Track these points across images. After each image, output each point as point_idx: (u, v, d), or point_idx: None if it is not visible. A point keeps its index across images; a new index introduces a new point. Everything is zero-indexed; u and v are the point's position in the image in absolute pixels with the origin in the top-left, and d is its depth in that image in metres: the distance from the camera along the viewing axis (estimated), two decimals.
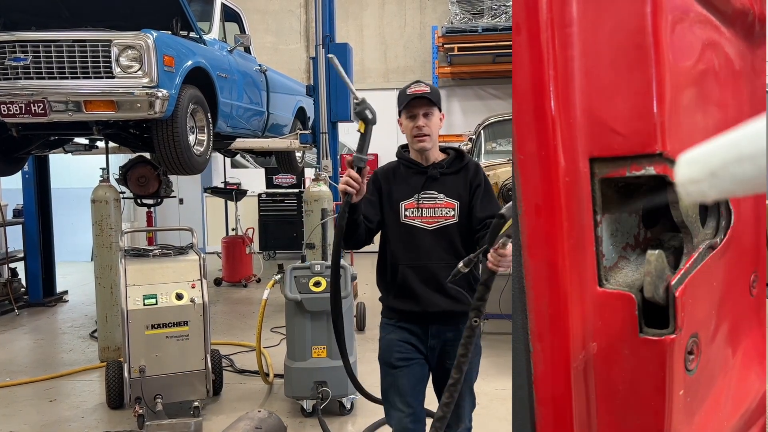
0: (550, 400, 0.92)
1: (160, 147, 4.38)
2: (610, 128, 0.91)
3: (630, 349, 0.91)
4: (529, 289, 0.92)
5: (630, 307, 0.90)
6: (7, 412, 4.23)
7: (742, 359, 1.17)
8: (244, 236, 8.48)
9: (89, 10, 4.86)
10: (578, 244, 0.91)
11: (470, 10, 9.91)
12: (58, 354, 5.58)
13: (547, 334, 0.91)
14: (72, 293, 7.74)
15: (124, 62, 4.10)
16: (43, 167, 7.28)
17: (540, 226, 0.90)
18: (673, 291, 0.89)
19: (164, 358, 3.81)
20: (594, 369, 0.92)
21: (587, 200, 0.92)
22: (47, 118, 4.11)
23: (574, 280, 0.90)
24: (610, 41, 0.91)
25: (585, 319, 0.91)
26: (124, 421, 3.97)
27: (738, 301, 1.15)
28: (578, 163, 0.91)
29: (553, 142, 0.89)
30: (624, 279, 0.98)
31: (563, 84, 0.89)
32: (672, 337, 0.88)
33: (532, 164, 0.90)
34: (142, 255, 4.15)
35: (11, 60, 4.12)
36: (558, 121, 0.89)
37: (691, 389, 0.95)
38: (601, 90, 0.91)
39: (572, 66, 0.90)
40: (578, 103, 0.90)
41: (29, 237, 7.32)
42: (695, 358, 0.94)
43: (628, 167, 0.92)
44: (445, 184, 2.36)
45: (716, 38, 1.04)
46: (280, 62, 9.50)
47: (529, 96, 0.89)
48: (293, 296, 3.89)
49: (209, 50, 5.11)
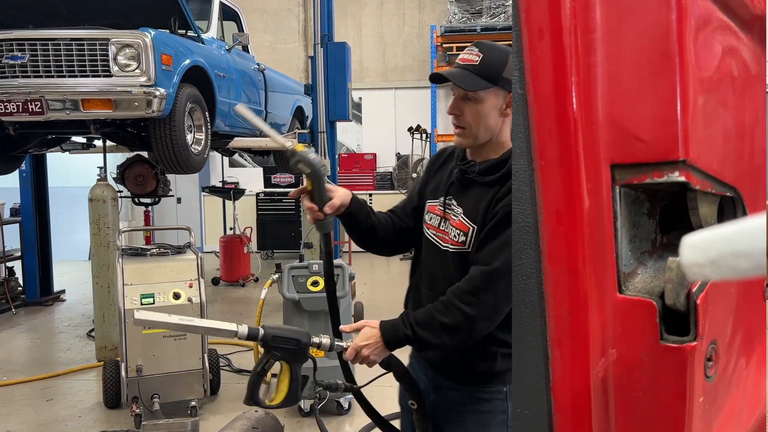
0: (569, 407, 0.92)
1: (157, 146, 4.37)
2: (633, 135, 0.91)
3: (650, 356, 0.91)
4: (548, 295, 0.92)
5: (651, 314, 0.90)
6: (4, 412, 4.22)
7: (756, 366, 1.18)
8: (242, 235, 8.47)
9: (87, 9, 4.85)
10: (598, 250, 0.91)
11: (469, 10, 9.91)
12: (55, 353, 5.57)
13: (567, 340, 0.91)
14: (69, 292, 7.72)
15: (122, 61, 4.09)
16: (40, 166, 7.27)
17: (561, 232, 0.90)
18: (694, 298, 0.89)
19: (161, 358, 3.80)
20: (613, 376, 0.93)
21: (608, 206, 0.93)
22: (44, 117, 4.10)
23: (594, 286, 0.90)
24: (633, 47, 0.92)
25: (605, 325, 0.92)
26: (121, 420, 3.96)
27: (752, 307, 1.16)
28: (600, 170, 0.91)
29: (576, 148, 0.89)
30: (642, 285, 0.99)
31: (586, 90, 0.89)
32: (693, 345, 0.89)
33: (553, 170, 0.90)
34: (139, 254, 4.14)
35: (8, 58, 4.10)
36: (580, 127, 0.89)
37: (710, 396, 0.96)
38: (624, 96, 0.92)
39: (595, 72, 0.90)
40: (601, 110, 0.91)
41: (26, 236, 7.31)
42: (714, 365, 0.95)
43: (650, 174, 0.92)
44: (468, 196, 1.68)
45: (735, 44, 1.06)
46: (279, 61, 9.49)
47: (551, 102, 0.90)
48: (291, 296, 3.89)
49: (207, 49, 5.10)
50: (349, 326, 1.66)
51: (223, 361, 4.84)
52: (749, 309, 1.12)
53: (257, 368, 1.52)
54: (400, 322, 1.60)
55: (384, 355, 1.61)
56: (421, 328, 1.57)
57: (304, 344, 1.54)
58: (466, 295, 1.54)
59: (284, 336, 1.52)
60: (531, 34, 0.90)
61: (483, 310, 1.53)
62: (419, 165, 10.56)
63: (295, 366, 1.55)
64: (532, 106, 0.92)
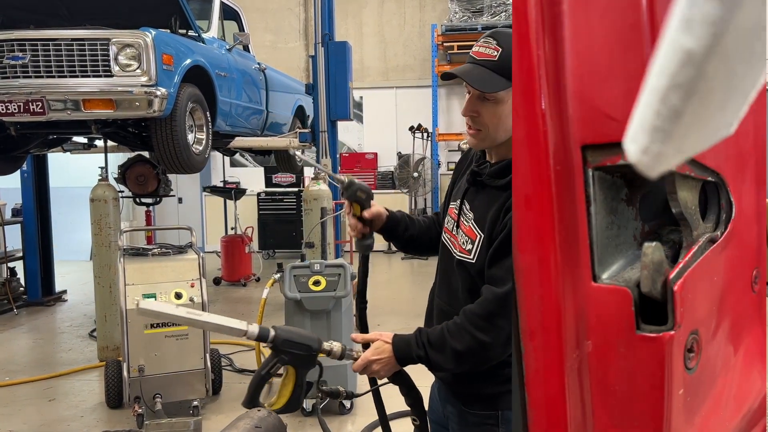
0: (543, 401, 0.89)
1: (158, 146, 4.37)
2: (604, 113, 0.87)
3: (626, 346, 0.87)
4: (519, 285, 0.89)
5: (626, 302, 0.86)
6: (7, 412, 4.22)
7: (744, 358, 1.15)
8: (243, 235, 8.47)
9: (88, 9, 4.84)
10: (571, 237, 0.87)
11: (470, 9, 9.91)
12: (57, 353, 5.57)
13: (540, 332, 0.87)
14: (71, 292, 7.73)
15: (123, 61, 4.09)
16: (41, 166, 7.27)
17: (530, 218, 0.86)
18: (671, 285, 0.85)
19: (163, 358, 3.80)
20: (589, 368, 0.89)
21: (580, 190, 0.89)
22: (46, 117, 4.10)
23: (567, 275, 0.86)
24: (602, 21, 0.88)
25: (579, 316, 0.88)
26: (124, 420, 3.96)
27: (739, 298, 1.12)
28: (570, 151, 0.87)
29: (543, 127, 0.85)
30: (620, 274, 0.95)
31: (552, 66, 0.85)
32: (671, 334, 0.85)
33: (521, 152, 0.87)
34: (141, 254, 4.14)
35: (9, 58, 4.10)
36: (547, 105, 0.85)
37: (691, 388, 0.92)
38: (594, 73, 0.88)
39: (562, 47, 0.86)
40: (569, 87, 0.87)
41: (28, 236, 7.31)
42: (695, 356, 0.91)
43: (623, 154, 0.91)
44: (479, 200, 1.55)
45: None
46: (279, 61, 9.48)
47: (518, 79, 0.86)
48: (293, 295, 3.89)
49: (208, 49, 5.10)
50: (361, 337, 1.59)
51: (225, 361, 4.84)
52: (736, 299, 1.09)
53: (262, 371, 1.44)
54: (413, 340, 1.51)
55: (394, 370, 1.54)
56: (434, 350, 1.48)
57: (314, 350, 1.47)
58: (479, 320, 1.43)
59: (295, 341, 1.45)
60: None
61: (497, 337, 1.41)
62: (420, 164, 10.55)
63: (302, 372, 1.47)
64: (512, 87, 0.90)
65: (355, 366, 1.54)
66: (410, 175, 10.59)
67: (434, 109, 11.03)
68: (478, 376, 1.54)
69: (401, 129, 11.09)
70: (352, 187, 1.67)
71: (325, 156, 6.36)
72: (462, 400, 1.60)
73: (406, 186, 10.64)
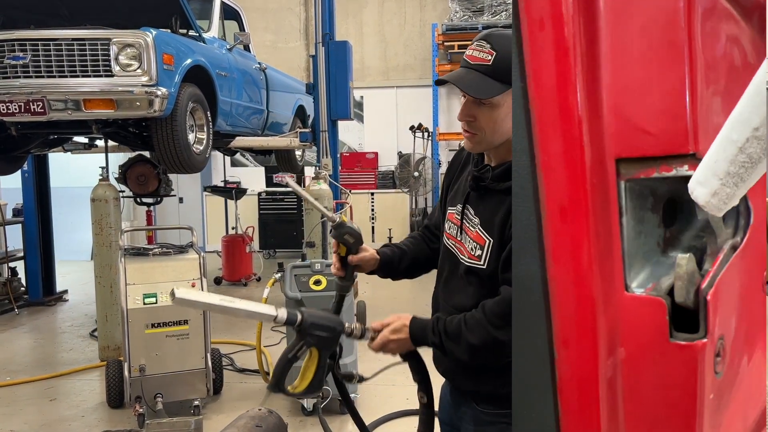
0: (576, 408, 0.89)
1: (159, 145, 4.37)
2: (639, 128, 0.88)
3: (660, 354, 0.89)
4: (554, 295, 0.90)
5: (660, 312, 0.88)
6: (8, 412, 4.22)
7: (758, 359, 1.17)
8: (244, 235, 8.47)
9: (88, 9, 4.85)
10: (605, 248, 0.89)
11: (470, 8, 9.90)
12: (58, 353, 5.58)
13: (574, 340, 0.89)
14: (72, 292, 7.73)
15: (124, 61, 4.09)
16: (42, 166, 7.27)
17: (565, 230, 0.87)
18: (704, 295, 0.87)
19: (164, 357, 3.80)
20: (622, 375, 0.91)
21: (613, 202, 0.90)
22: (46, 117, 4.10)
23: (601, 285, 0.88)
24: (639, 36, 0.88)
25: (612, 324, 0.89)
26: (125, 420, 3.97)
27: (752, 300, 1.14)
28: (605, 164, 0.88)
29: (579, 142, 0.86)
30: (648, 282, 0.96)
31: (590, 81, 0.86)
32: (704, 342, 0.87)
33: (557, 165, 0.87)
34: (142, 254, 4.14)
35: (10, 59, 4.10)
36: (585, 120, 0.86)
37: (719, 392, 0.94)
38: (630, 88, 0.89)
39: (599, 62, 0.87)
40: (605, 102, 0.88)
41: (29, 236, 7.31)
42: (722, 361, 0.93)
43: (657, 168, 0.89)
44: (484, 205, 1.52)
45: (737, 33, 1.03)
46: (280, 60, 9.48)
47: (553, 94, 0.87)
48: (294, 295, 3.89)
49: (209, 48, 5.10)
50: (379, 323, 1.60)
51: (225, 361, 4.84)
52: (750, 302, 1.10)
53: (288, 354, 1.45)
54: (430, 327, 1.54)
55: (407, 350, 1.59)
56: (450, 340, 1.50)
57: (338, 332, 1.51)
58: (496, 319, 1.43)
59: (321, 324, 1.47)
60: (531, 23, 0.87)
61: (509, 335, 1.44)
62: (421, 164, 10.55)
63: (324, 353, 1.49)
64: (533, 100, 0.89)
65: (374, 345, 1.57)
66: (411, 174, 10.58)
67: (435, 108, 11.03)
68: (490, 375, 1.53)
69: (402, 128, 11.08)
70: (341, 229, 1.68)
71: (326, 156, 6.35)
72: (476, 400, 1.60)
73: (407, 185, 10.64)
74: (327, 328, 1.47)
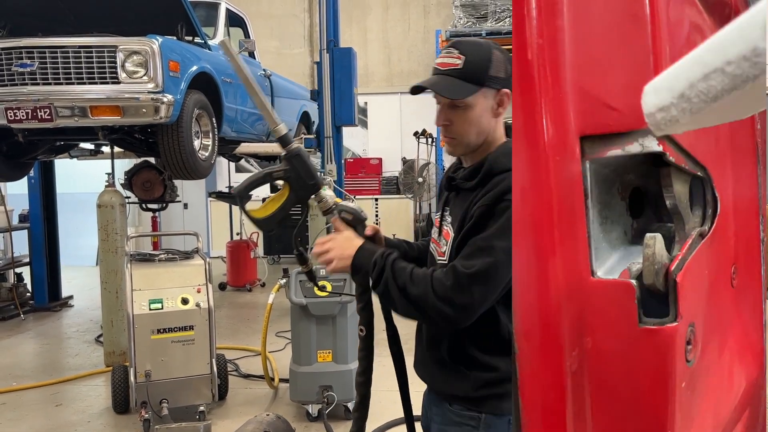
0: (539, 404, 0.84)
1: (165, 152, 4.39)
2: (604, 103, 0.85)
3: (628, 342, 0.84)
4: (514, 281, 0.85)
5: (629, 296, 0.83)
6: (14, 417, 4.24)
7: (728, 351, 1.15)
8: (249, 240, 8.49)
9: (94, 16, 4.88)
10: (569, 230, 0.84)
11: (474, 14, 9.91)
12: (63, 358, 5.59)
13: (536, 331, 0.83)
14: (77, 298, 7.75)
15: (130, 68, 4.12)
16: (48, 172, 7.31)
17: (526, 211, 0.83)
18: (673, 276, 0.84)
19: (170, 363, 3.81)
20: (589, 367, 0.85)
21: (578, 183, 0.86)
22: (53, 124, 4.13)
23: (565, 270, 0.83)
24: (603, 11, 0.86)
25: (578, 312, 0.84)
26: (130, 425, 3.97)
27: (722, 293, 1.11)
28: (568, 142, 0.84)
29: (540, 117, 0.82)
30: (615, 269, 0.93)
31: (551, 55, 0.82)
32: (674, 326, 0.83)
33: (519, 143, 0.84)
34: (147, 259, 4.16)
35: (18, 66, 4.14)
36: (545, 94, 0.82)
37: (691, 382, 0.90)
38: (594, 62, 0.85)
39: (562, 36, 0.83)
40: (568, 77, 0.84)
41: (35, 242, 7.34)
42: (693, 349, 0.89)
43: (623, 145, 0.86)
44: (457, 204, 1.60)
45: (700, 23, 1.02)
46: (284, 67, 9.51)
47: (516, 68, 0.83)
48: (298, 300, 3.89)
49: (214, 55, 5.13)
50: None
51: (230, 366, 4.85)
52: (719, 294, 1.07)
53: (265, 170, 1.53)
54: (378, 258, 1.51)
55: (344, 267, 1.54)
56: (393, 275, 1.47)
57: (313, 184, 1.54)
58: (441, 286, 1.42)
59: (305, 165, 1.51)
60: None
61: (449, 311, 1.41)
62: (425, 169, 10.55)
63: (294, 197, 1.53)
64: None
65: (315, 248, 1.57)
66: (415, 180, 10.59)
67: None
68: (466, 377, 1.52)
69: (406, 134, 11.09)
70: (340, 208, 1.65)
71: (330, 162, 6.37)
72: (449, 400, 1.58)
73: (411, 191, 10.64)
74: (308, 171, 1.52)
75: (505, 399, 1.43)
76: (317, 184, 1.55)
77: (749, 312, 1.21)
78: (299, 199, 1.53)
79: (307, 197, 1.55)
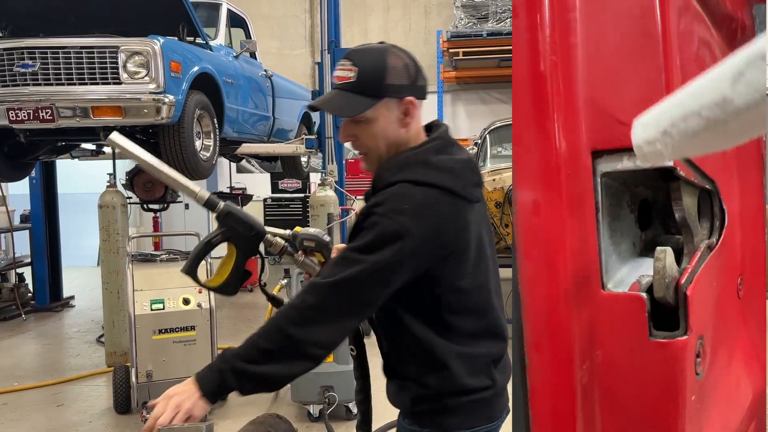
0: (550, 417, 0.83)
1: (166, 152, 4.39)
2: (616, 118, 0.85)
3: (639, 354, 0.84)
4: (524, 294, 0.84)
5: (640, 309, 0.83)
6: (15, 417, 4.24)
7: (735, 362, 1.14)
8: None
9: (96, 17, 4.88)
10: (580, 243, 0.84)
11: (475, 15, 9.92)
12: (65, 359, 5.59)
13: (547, 344, 0.83)
14: (78, 298, 7.75)
15: (131, 68, 4.12)
16: (50, 173, 7.31)
17: (538, 224, 0.83)
18: (683, 290, 0.84)
19: (171, 363, 3.81)
20: (599, 379, 0.85)
21: (589, 197, 0.86)
22: (55, 124, 4.13)
23: (576, 283, 0.83)
24: (615, 27, 0.86)
25: (588, 325, 0.84)
26: (132, 425, 3.98)
27: (729, 304, 1.11)
28: (580, 156, 0.85)
29: (553, 132, 0.82)
30: (625, 282, 0.93)
31: (564, 71, 0.83)
32: (684, 339, 0.83)
33: (530, 156, 0.83)
34: (149, 260, 4.17)
35: (19, 66, 4.14)
36: (559, 110, 0.82)
37: (700, 394, 0.89)
38: (606, 79, 0.86)
39: (575, 53, 0.84)
40: (581, 93, 0.84)
41: (36, 242, 7.35)
42: (702, 361, 0.89)
43: (634, 160, 0.86)
44: None
45: (708, 38, 1.02)
46: (286, 67, 9.52)
47: (526, 83, 0.83)
48: None
49: (215, 56, 5.13)
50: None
51: None
52: (726, 305, 1.07)
53: (204, 240, 1.45)
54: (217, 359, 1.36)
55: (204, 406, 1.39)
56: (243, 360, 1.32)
57: (256, 233, 1.44)
58: (290, 310, 1.31)
59: (240, 218, 1.42)
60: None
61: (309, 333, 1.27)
62: None
63: (242, 254, 1.44)
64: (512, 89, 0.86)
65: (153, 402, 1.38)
66: None
67: (439, 115, 11.03)
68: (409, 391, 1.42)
69: None
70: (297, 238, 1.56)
71: (332, 162, 6.37)
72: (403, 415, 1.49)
73: None
74: (245, 224, 1.43)
75: (447, 414, 1.34)
76: (259, 232, 1.46)
77: (755, 322, 1.21)
78: (248, 254, 1.46)
79: (256, 248, 1.47)
